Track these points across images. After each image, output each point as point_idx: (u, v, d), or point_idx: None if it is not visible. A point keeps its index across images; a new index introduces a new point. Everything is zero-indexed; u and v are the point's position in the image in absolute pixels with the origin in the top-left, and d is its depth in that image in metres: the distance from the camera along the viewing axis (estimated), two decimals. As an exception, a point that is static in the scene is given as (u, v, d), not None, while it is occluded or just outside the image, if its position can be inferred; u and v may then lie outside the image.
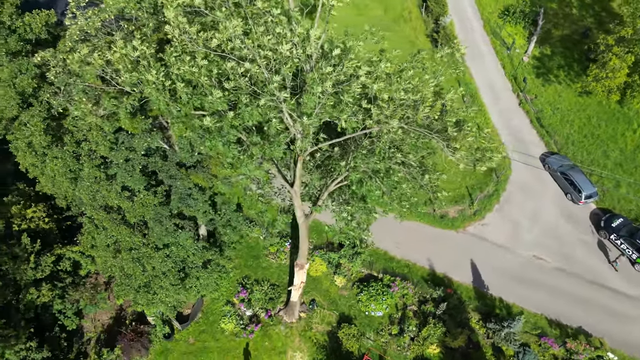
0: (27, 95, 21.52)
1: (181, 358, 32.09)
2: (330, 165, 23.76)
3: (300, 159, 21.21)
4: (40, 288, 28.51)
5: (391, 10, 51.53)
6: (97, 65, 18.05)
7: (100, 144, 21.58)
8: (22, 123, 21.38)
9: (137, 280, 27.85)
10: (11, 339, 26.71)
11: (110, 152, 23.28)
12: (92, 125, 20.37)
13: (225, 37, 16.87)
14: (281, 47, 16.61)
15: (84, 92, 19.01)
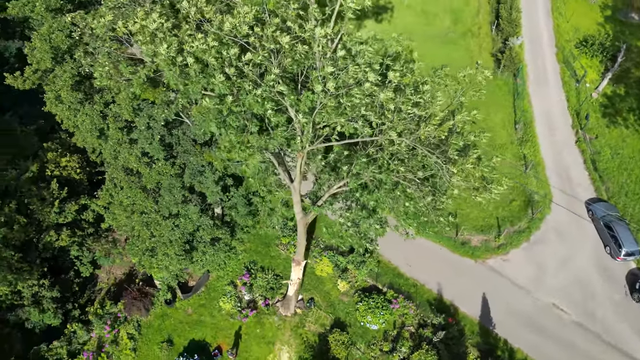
0: (62, 51, 23.10)
1: (177, 326, 33.19)
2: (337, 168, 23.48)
3: (300, 156, 21.09)
4: (61, 232, 30.53)
5: (461, 23, 49.71)
6: (120, 33, 18.93)
7: (124, 108, 22.69)
8: (56, 76, 22.98)
9: (143, 243, 29.09)
10: (25, 273, 28.90)
11: (135, 118, 24.40)
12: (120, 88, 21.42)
13: (237, 22, 17.06)
14: (281, 40, 16.54)
15: (109, 55, 20.07)
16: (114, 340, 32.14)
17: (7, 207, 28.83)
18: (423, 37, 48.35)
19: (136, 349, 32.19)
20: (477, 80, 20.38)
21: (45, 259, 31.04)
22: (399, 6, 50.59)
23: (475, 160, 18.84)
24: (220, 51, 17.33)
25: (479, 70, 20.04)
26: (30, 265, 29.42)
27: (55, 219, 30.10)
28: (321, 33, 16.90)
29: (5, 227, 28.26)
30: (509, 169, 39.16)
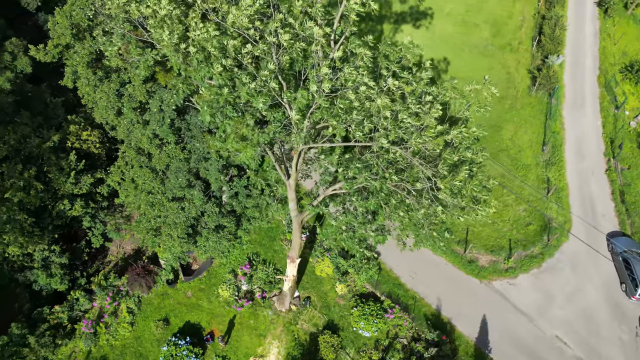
0: (82, 29, 23.98)
1: (175, 306, 33.93)
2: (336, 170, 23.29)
3: (294, 153, 21.06)
4: (74, 203, 31.74)
5: (501, 36, 48.25)
6: (134, 15, 19.44)
7: (137, 89, 23.33)
8: (76, 52, 23.90)
9: (149, 222, 29.87)
10: (36, 237, 30.24)
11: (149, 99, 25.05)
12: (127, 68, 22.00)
13: (238, 14, 17.17)
14: (281, 37, 16.52)
15: (122, 36, 20.69)
16: (113, 312, 33.17)
17: (27, 172, 30.22)
18: (460, 47, 47.35)
19: (134, 324, 33.11)
20: (482, 95, 19.53)
21: (59, 226, 32.33)
22: (439, 14, 49.63)
23: (466, 178, 18.13)
24: (222, 42, 17.49)
25: (486, 85, 19.28)
26: (42, 230, 30.75)
27: (70, 189, 31.31)
28: (319, 33, 16.77)
29: (22, 192, 29.65)
30: (530, 190, 37.81)
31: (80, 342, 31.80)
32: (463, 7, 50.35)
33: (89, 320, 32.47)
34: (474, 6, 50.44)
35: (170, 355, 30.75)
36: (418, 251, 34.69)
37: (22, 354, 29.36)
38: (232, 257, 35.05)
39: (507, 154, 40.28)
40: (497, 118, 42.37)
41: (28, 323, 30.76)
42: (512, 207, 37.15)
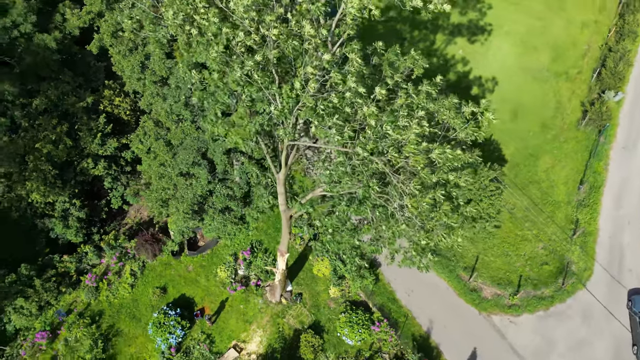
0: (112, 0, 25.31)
1: (175, 277, 35.11)
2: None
3: (281, 147, 21.07)
4: (98, 163, 33.58)
5: (560, 62, 45.48)
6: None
7: (156, 63, 24.29)
8: (106, 20, 25.20)
9: (158, 192, 31.05)
10: (57, 189, 32.32)
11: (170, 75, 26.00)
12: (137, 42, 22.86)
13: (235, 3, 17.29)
14: (272, 31, 16.53)
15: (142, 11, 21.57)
16: (118, 272, 34.87)
17: (60, 127, 32.33)
18: (513, 68, 45.19)
19: (134, 286, 34.62)
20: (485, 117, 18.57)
21: (81, 182, 34.34)
22: (498, 31, 47.53)
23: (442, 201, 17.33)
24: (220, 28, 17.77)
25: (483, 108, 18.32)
26: (64, 183, 32.81)
27: (96, 150, 33.15)
28: (309, 32, 16.61)
29: (52, 145, 31.76)
30: (555, 229, 35.63)
31: (83, 293, 33.69)
32: (525, 28, 47.89)
33: (94, 275, 34.33)
34: (537, 28, 47.83)
35: (158, 322, 31.90)
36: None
37: (27, 293, 31.56)
38: (237, 241, 35.70)
39: (539, 186, 38.12)
40: (536, 147, 40.19)
41: (38, 266, 32.96)
42: (530, 242, 35.17)
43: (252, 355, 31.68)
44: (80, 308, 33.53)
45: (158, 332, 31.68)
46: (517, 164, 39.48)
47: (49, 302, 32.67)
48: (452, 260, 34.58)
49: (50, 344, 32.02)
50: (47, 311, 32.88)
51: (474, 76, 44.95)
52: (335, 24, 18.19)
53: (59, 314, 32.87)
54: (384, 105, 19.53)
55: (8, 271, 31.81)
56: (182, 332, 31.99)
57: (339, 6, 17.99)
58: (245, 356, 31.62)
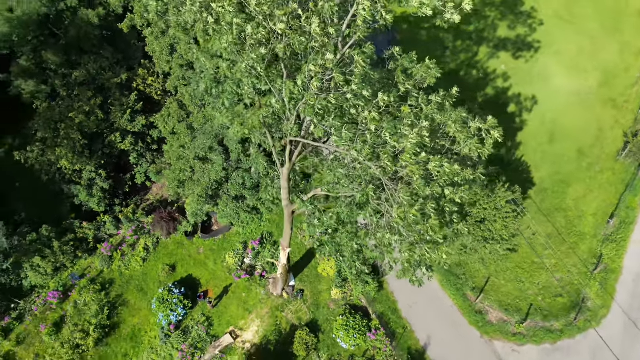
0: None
1: (185, 257, 35.97)
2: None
3: (286, 142, 21.12)
4: (126, 138, 34.86)
5: (608, 88, 43.11)
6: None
7: (182, 48, 24.94)
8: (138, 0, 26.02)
9: (176, 173, 31.90)
10: (84, 158, 33.79)
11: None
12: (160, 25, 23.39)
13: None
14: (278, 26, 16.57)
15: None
16: (132, 244, 36.09)
17: (94, 100, 33.77)
18: (556, 89, 43.35)
19: (146, 260, 35.74)
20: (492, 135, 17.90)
21: (109, 155, 35.73)
22: (546, 49, 45.69)
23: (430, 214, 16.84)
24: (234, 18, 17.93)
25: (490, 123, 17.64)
26: (91, 153, 34.26)
27: (125, 125, 34.41)
28: (316, 30, 16.51)
29: (84, 115, 33.23)
30: (576, 261, 34.02)
31: (97, 260, 35.10)
32: (576, 48, 45.78)
33: (110, 245, 35.71)
34: (589, 51, 45.61)
35: (162, 298, 32.84)
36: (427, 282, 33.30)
37: (44, 253, 33.21)
38: (249, 230, 36.16)
39: (565, 214, 36.47)
40: (569, 174, 38.44)
41: (59, 230, 34.61)
42: (547, 271, 33.72)
43: (247, 343, 32.07)
44: (93, 274, 34.96)
45: (161, 308, 32.61)
46: (545, 189, 37.92)
47: (64, 265, 34.25)
48: (461, 278, 33.68)
49: (60, 304, 33.58)
50: (62, 273, 34.50)
51: (513, 93, 43.46)
52: (346, 25, 17.98)
53: (73, 277, 34.40)
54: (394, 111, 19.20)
55: (31, 230, 33.57)
56: (184, 311, 32.77)
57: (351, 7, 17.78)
58: (240, 343, 32.04)
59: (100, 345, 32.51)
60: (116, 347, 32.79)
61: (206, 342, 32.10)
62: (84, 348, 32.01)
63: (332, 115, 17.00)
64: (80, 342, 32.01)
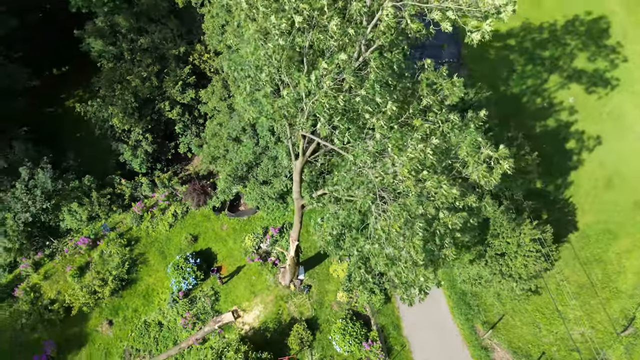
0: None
1: (208, 231, 37.21)
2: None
3: (299, 135, 21.15)
4: (174, 107, 36.49)
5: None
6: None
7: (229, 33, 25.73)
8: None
9: (211, 149, 33.01)
10: (133, 119, 35.79)
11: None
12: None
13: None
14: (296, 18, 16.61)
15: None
16: (163, 209, 37.85)
17: (152, 67, 35.62)
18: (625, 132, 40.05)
19: (172, 226, 37.37)
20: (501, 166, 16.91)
21: (157, 121, 37.59)
22: (624, 88, 42.30)
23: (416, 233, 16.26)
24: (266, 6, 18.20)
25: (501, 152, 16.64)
26: (140, 117, 36.21)
27: (175, 95, 36.03)
28: (333, 29, 16.36)
29: (140, 80, 35.16)
30: (603, 317, 31.51)
31: (129, 217, 37.18)
32: (658, 92, 42.07)
33: (143, 205, 37.66)
34: (673, 96, 41.76)
35: (177, 264, 34.23)
36: (435, 305, 32.32)
37: (82, 201, 35.66)
38: (272, 217, 36.71)
39: (604, 267, 33.80)
40: (618, 225, 35.55)
41: (100, 182, 36.99)
42: (568, 322, 31.47)
43: (246, 325, 32.69)
44: (122, 229, 37.07)
45: (174, 274, 34.01)
46: (588, 236, 35.32)
47: (98, 215, 36.59)
48: (473, 308, 32.26)
49: (88, 251, 35.96)
50: (95, 222, 36.90)
51: (576, 129, 40.73)
52: (370, 29, 17.65)
53: (104, 228, 36.69)
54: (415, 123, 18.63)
55: (75, 177, 36.13)
56: (195, 281, 33.96)
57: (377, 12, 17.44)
58: (240, 324, 32.73)
59: (115, 295, 34.49)
60: (129, 300, 34.64)
61: (209, 315, 33.10)
62: (100, 295, 34.11)
63: (339, 117, 16.81)
64: (98, 289, 34.13)
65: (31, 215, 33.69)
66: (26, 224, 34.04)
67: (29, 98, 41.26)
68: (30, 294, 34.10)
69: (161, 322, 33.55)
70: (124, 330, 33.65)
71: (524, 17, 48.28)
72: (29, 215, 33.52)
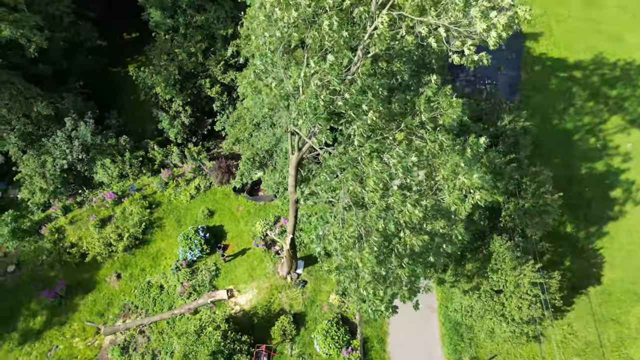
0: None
1: (224, 209, 38.34)
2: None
3: (290, 130, 21.24)
4: (214, 86, 37.81)
5: None
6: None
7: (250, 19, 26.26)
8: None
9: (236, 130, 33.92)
10: (174, 90, 37.49)
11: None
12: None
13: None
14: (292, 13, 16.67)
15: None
16: (188, 180, 39.46)
17: (200, 44, 37.10)
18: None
19: (193, 198, 38.89)
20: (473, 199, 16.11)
21: (197, 96, 39.12)
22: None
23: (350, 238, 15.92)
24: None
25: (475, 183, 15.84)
26: (181, 89, 37.84)
27: (217, 74, 37.30)
28: (325, 29, 16.25)
29: (186, 55, 36.74)
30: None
31: (155, 182, 39.10)
32: None
33: (170, 173, 39.45)
34: None
35: (187, 235, 35.59)
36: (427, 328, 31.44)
37: (115, 159, 37.95)
38: (287, 207, 37.11)
39: (619, 329, 31.21)
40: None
41: (135, 145, 39.16)
42: (564, 378, 29.43)
43: (237, 306, 33.46)
44: (147, 192, 39.07)
45: (182, 242, 35.42)
46: (610, 293, 32.74)
47: (128, 175, 38.78)
48: (465, 340, 30.96)
49: (113, 206, 38.26)
50: (124, 181, 39.18)
51: (627, 178, 37.72)
52: (367, 35, 17.31)
53: (132, 188, 38.86)
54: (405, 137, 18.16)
55: (113, 136, 38.49)
56: (200, 254, 35.19)
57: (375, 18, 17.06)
58: (231, 303, 33.55)
59: (128, 252, 36.50)
60: (139, 259, 36.54)
61: (205, 289, 34.21)
62: (114, 249, 36.25)
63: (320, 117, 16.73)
64: (114, 243, 36.28)
65: (67, 163, 36.33)
66: (63, 170, 36.77)
67: (96, 56, 44.31)
68: (55, 234, 36.89)
69: (163, 285, 35.10)
70: (129, 285, 35.55)
71: (598, 50, 45.19)
72: (65, 163, 36.16)
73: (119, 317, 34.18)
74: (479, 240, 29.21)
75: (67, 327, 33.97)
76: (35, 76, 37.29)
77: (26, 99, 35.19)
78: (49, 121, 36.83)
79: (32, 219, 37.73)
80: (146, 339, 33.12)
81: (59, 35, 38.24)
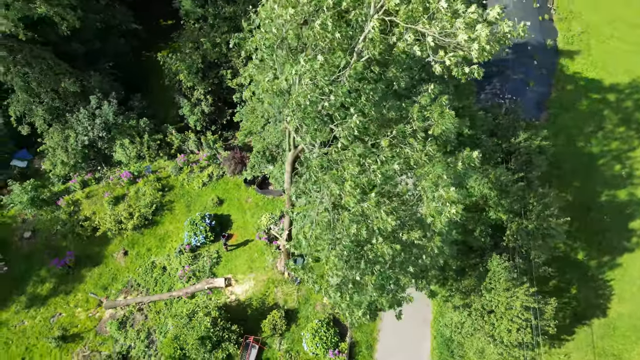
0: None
1: (233, 198, 38.90)
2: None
3: (286, 128, 21.31)
4: (235, 77, 38.37)
5: None
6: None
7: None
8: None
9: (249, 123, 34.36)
10: (196, 79, 38.27)
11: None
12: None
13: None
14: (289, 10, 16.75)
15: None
16: (202, 167, 40.23)
17: (225, 35, 37.70)
18: None
19: (205, 185, 39.63)
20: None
21: (219, 85, 39.78)
22: None
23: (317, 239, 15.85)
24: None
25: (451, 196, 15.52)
26: (203, 78, 38.57)
27: (239, 66, 37.83)
28: (317, 28, 16.24)
29: (211, 44, 37.44)
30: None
31: (170, 166, 40.07)
32: None
33: (186, 159, 40.33)
34: None
35: (193, 220, 36.31)
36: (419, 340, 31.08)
37: (134, 140, 39.12)
38: (294, 204, 37.33)
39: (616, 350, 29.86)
40: None
41: (155, 127, 40.23)
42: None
43: (233, 295, 33.95)
44: (162, 175, 40.09)
45: (188, 227, 36.19)
46: (615, 327, 31.43)
47: (145, 156, 39.90)
48: (455, 358, 30.36)
49: (128, 185, 39.46)
50: (141, 162, 40.31)
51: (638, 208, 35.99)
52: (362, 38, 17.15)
53: (147, 169, 39.96)
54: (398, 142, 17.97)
55: (135, 117, 39.64)
56: (204, 240, 35.85)
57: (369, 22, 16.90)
58: (227, 292, 34.07)
59: (136, 231, 37.59)
60: (147, 239, 37.57)
61: (204, 275, 34.86)
62: (123, 226, 37.41)
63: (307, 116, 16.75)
64: (124, 221, 37.45)
65: (89, 139, 37.72)
66: (84, 146, 38.21)
67: (129, 39, 45.71)
68: (71, 206, 38.41)
69: (165, 267, 35.98)
70: (134, 263, 36.62)
71: (636, 74, 43.18)
72: (86, 139, 37.55)
73: (121, 293, 35.27)
74: (479, 257, 28.56)
75: (72, 297, 35.33)
76: (67, 54, 38.80)
77: (56, 74, 36.71)
78: (75, 98, 38.30)
79: (52, 190, 39.39)
80: (143, 317, 34.05)
81: (94, 17, 39.63)
